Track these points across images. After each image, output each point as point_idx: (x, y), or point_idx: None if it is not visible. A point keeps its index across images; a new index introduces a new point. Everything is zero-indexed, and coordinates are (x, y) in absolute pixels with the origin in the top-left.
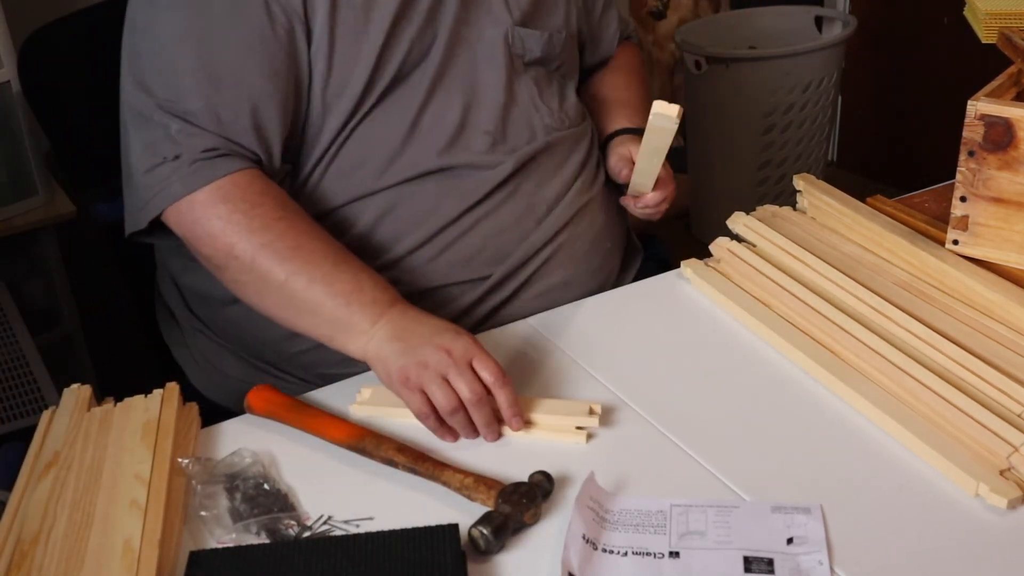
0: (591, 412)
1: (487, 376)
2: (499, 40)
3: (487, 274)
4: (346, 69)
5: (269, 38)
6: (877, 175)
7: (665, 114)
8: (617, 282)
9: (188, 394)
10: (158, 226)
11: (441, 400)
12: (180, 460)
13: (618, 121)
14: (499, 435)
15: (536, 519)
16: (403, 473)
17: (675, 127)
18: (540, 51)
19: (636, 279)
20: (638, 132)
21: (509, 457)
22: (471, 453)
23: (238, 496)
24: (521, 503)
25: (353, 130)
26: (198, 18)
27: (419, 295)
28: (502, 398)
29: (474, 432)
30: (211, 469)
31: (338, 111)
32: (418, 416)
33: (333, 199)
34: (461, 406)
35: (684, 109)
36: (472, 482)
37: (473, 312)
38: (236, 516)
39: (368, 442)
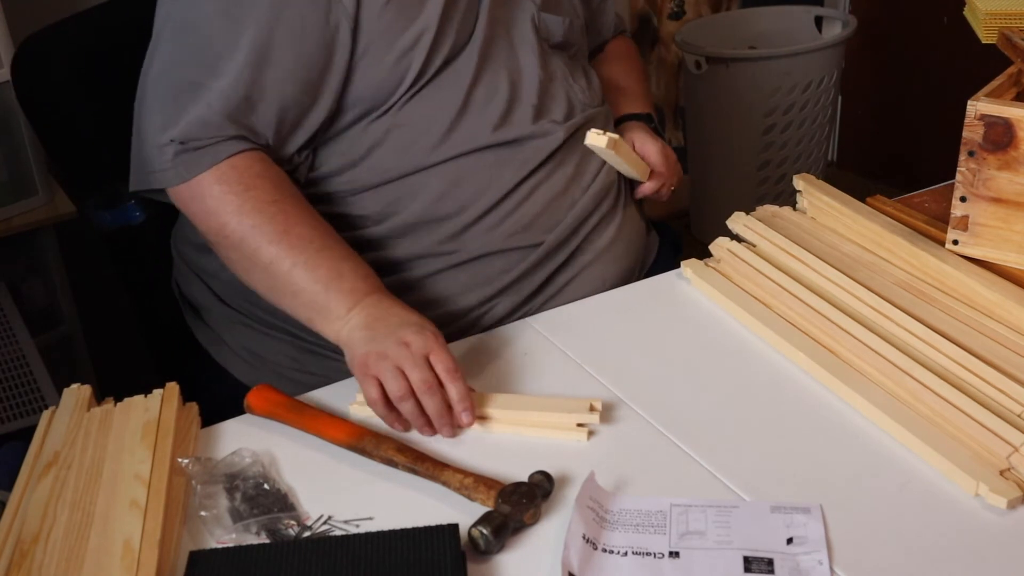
0: (592, 409)
1: (440, 369)
2: (528, 22)
3: (540, 240)
4: (398, 58)
5: (314, 35)
6: (877, 175)
7: (596, 145)
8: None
9: (229, 391)
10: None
11: (392, 387)
12: (180, 460)
13: (624, 107)
14: (452, 429)
15: (536, 519)
16: (403, 473)
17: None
18: (561, 35)
19: (656, 260)
20: (642, 118)
21: (509, 457)
22: (470, 453)
23: (238, 496)
24: (521, 503)
25: (404, 107)
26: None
27: (480, 261)
28: (453, 391)
29: (426, 422)
30: (211, 469)
31: (391, 93)
32: (369, 402)
33: (394, 169)
34: (411, 395)
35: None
36: (472, 482)
37: (532, 277)
38: (236, 516)
39: (368, 442)
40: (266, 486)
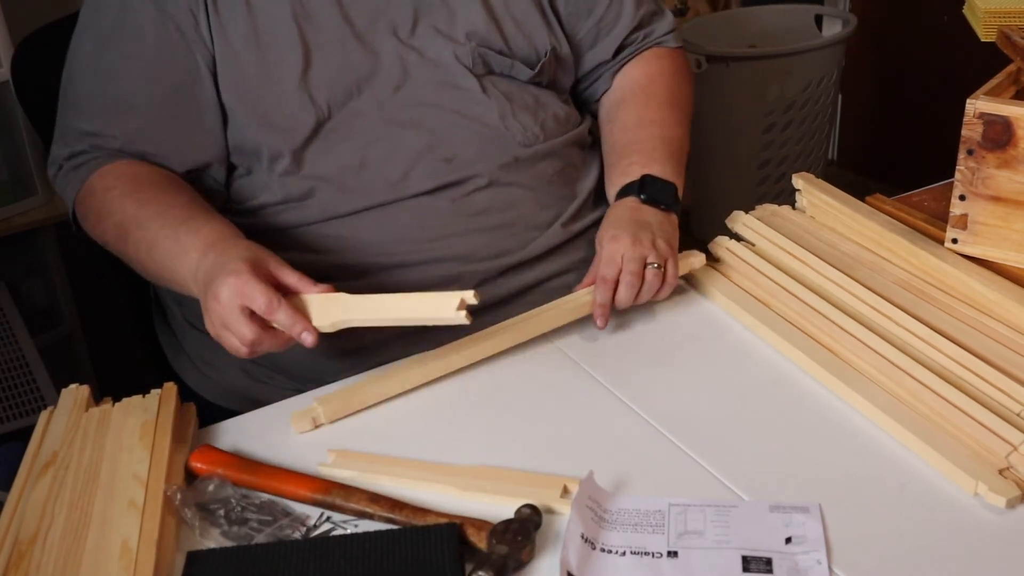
0: (463, 303)
1: (257, 309)
2: (450, 59)
3: (482, 270)
4: (269, 110)
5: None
6: (877, 174)
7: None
8: None
9: (185, 396)
10: None
11: (234, 349)
12: (166, 488)
13: (616, 178)
14: (313, 337)
15: (532, 555)
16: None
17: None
18: (507, 69)
19: None
20: (633, 188)
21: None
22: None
23: (234, 518)
24: (516, 541)
25: (298, 163)
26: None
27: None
28: (280, 322)
29: (290, 342)
30: (198, 499)
31: (274, 148)
32: (237, 355)
33: (298, 221)
34: (253, 341)
35: None
36: (459, 525)
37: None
38: (238, 539)
39: (337, 495)
40: (256, 501)
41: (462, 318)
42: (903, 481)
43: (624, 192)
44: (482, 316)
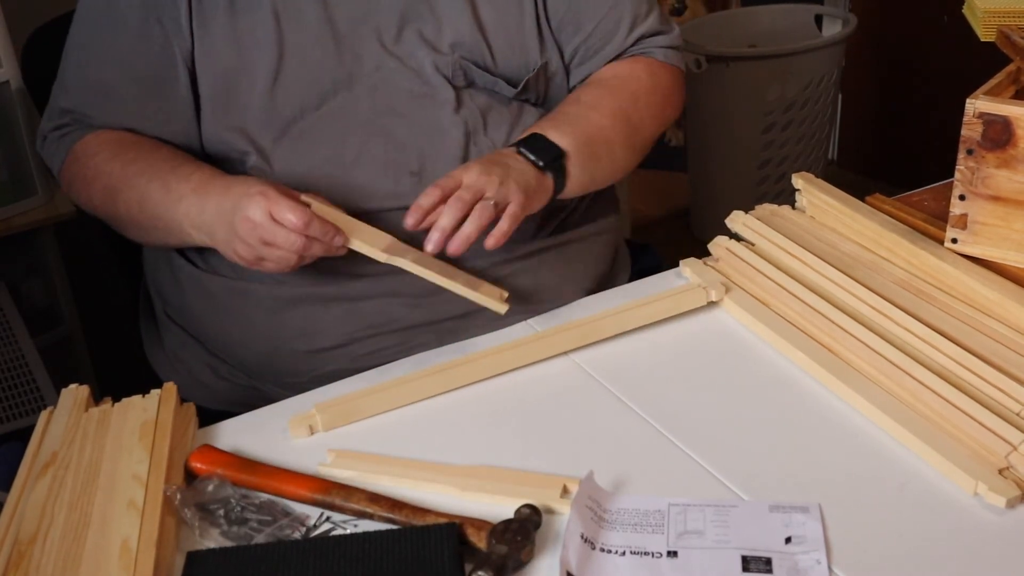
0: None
1: (290, 224)
2: (430, 69)
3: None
4: (242, 107)
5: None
6: (877, 174)
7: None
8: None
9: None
10: None
11: (285, 259)
12: (165, 488)
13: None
14: (343, 243)
15: (531, 555)
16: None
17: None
18: (490, 85)
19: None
20: (523, 141)
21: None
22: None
23: (233, 518)
24: (516, 540)
25: (268, 162)
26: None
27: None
28: (315, 232)
29: (330, 249)
30: (198, 499)
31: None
32: (285, 269)
33: None
34: (303, 246)
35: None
36: (459, 525)
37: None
38: (238, 539)
39: (336, 495)
40: (256, 501)
41: (502, 309)
42: (903, 481)
43: (531, 139)
44: (451, 330)
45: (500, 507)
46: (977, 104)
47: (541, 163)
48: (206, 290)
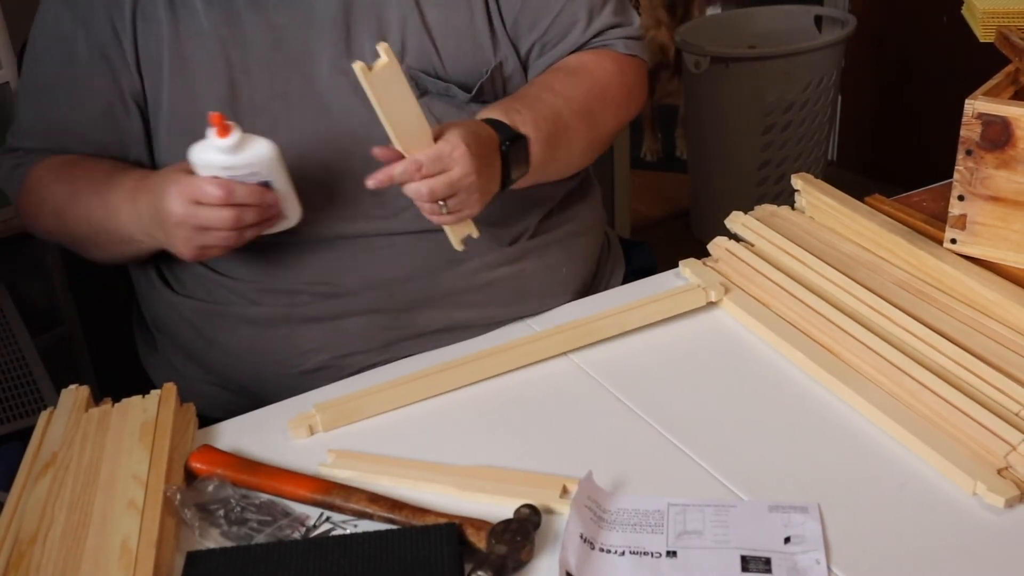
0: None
1: (212, 198)
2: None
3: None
4: (193, 136)
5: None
6: (876, 175)
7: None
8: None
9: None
10: None
11: (226, 239)
12: (165, 488)
13: (486, 111)
14: (274, 201)
15: (531, 555)
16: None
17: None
18: (443, 91)
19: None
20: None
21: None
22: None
23: (233, 518)
24: (515, 540)
25: None
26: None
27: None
28: (241, 197)
29: (262, 211)
30: (198, 499)
31: None
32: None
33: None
34: (238, 217)
35: (684, 109)
36: (458, 525)
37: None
38: (237, 539)
39: (337, 495)
40: (256, 501)
41: (460, 246)
42: (902, 481)
43: (494, 124)
44: (436, 344)
45: (499, 507)
46: (976, 105)
47: (511, 180)
48: (182, 316)
